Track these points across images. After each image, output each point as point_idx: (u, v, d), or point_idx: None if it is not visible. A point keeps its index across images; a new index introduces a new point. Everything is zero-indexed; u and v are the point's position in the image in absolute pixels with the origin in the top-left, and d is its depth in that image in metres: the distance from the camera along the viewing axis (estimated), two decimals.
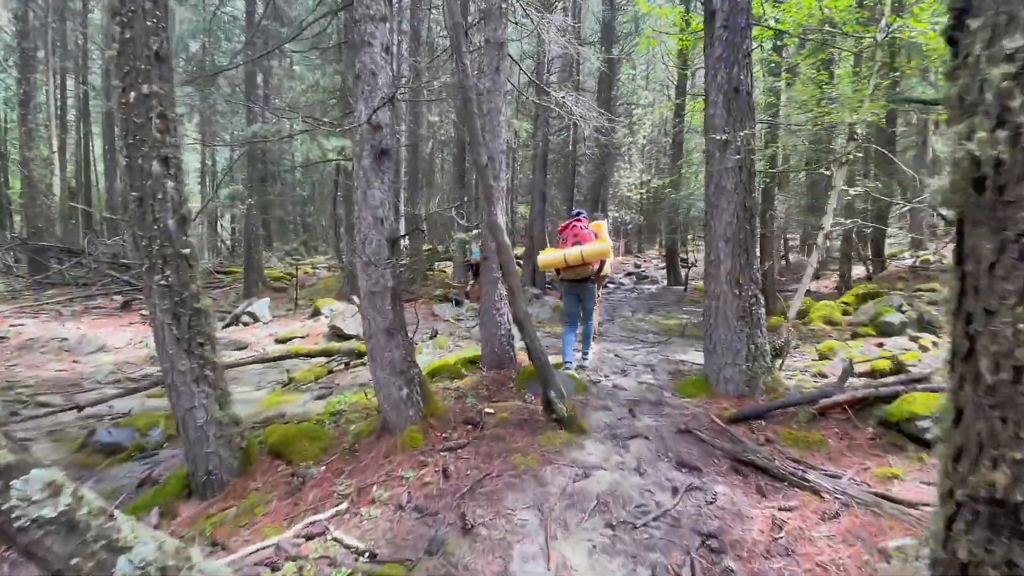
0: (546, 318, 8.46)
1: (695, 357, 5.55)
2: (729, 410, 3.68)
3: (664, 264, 19.77)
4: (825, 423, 3.43)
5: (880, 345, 5.82)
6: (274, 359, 5.92)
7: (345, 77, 9.82)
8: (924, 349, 5.28)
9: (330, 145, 10.58)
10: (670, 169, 24.82)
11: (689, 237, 17.47)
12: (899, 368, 4.30)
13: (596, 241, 4.66)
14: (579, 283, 4.75)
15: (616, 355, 5.63)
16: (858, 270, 13.18)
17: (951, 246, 1.07)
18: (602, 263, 4.77)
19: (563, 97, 6.29)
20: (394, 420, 3.37)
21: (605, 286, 14.04)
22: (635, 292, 12.77)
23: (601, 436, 3.31)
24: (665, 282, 14.29)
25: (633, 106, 17.54)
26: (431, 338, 6.98)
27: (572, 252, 4.52)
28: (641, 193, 27.11)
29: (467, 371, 4.81)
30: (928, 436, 3.01)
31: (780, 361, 4.47)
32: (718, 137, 4.07)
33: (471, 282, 12.62)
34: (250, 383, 5.64)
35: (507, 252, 3.53)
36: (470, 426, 3.43)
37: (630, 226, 26.72)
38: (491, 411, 3.62)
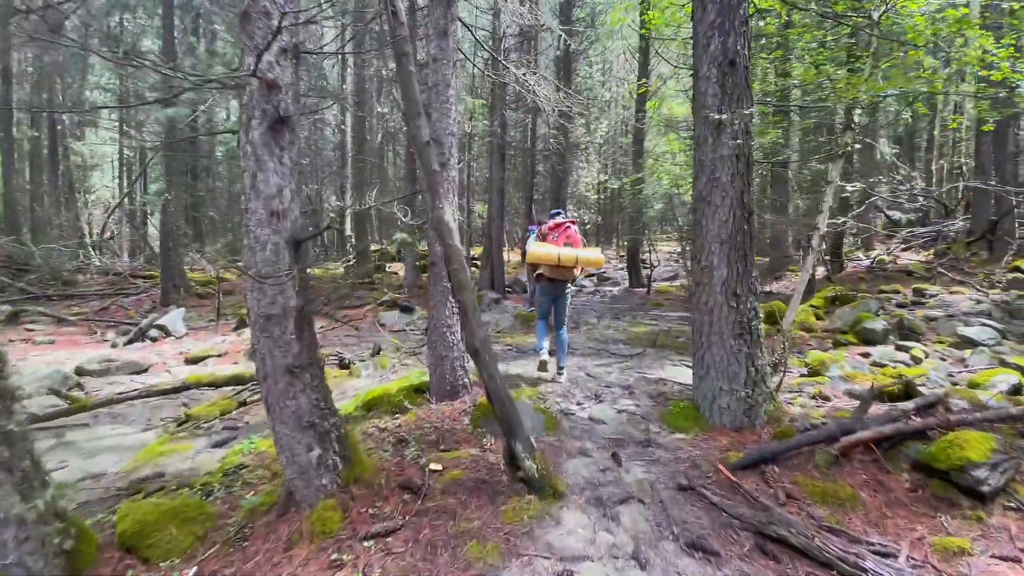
0: (507, 326, 7.68)
1: (673, 374, 4.92)
2: (732, 453, 3.00)
3: (624, 265, 19.48)
4: (850, 467, 2.80)
5: (866, 355, 5.40)
6: (164, 392, 4.78)
7: None
8: (917, 360, 4.86)
9: None
10: (630, 168, 24.74)
11: (648, 237, 17.15)
12: (910, 391, 3.78)
13: (591, 250, 4.63)
14: (559, 284, 4.66)
15: (588, 374, 4.89)
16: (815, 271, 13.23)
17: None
18: (582, 268, 4.74)
19: (523, 75, 5.50)
20: (302, 492, 2.45)
21: None
22: (597, 295, 12.21)
23: (583, 500, 2.53)
24: (627, 284, 13.83)
25: (591, 101, 16.99)
26: (372, 355, 6.01)
27: (567, 253, 4.35)
28: (599, 194, 26.87)
29: (411, 403, 3.92)
30: (986, 488, 2.42)
31: (778, 381, 3.86)
32: (712, 117, 3.39)
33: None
34: (138, 422, 4.49)
35: (457, 258, 2.69)
36: (409, 493, 2.56)
37: (588, 226, 26.41)
38: (438, 467, 2.76)
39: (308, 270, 2.66)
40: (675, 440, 3.28)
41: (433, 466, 2.76)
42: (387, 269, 15.31)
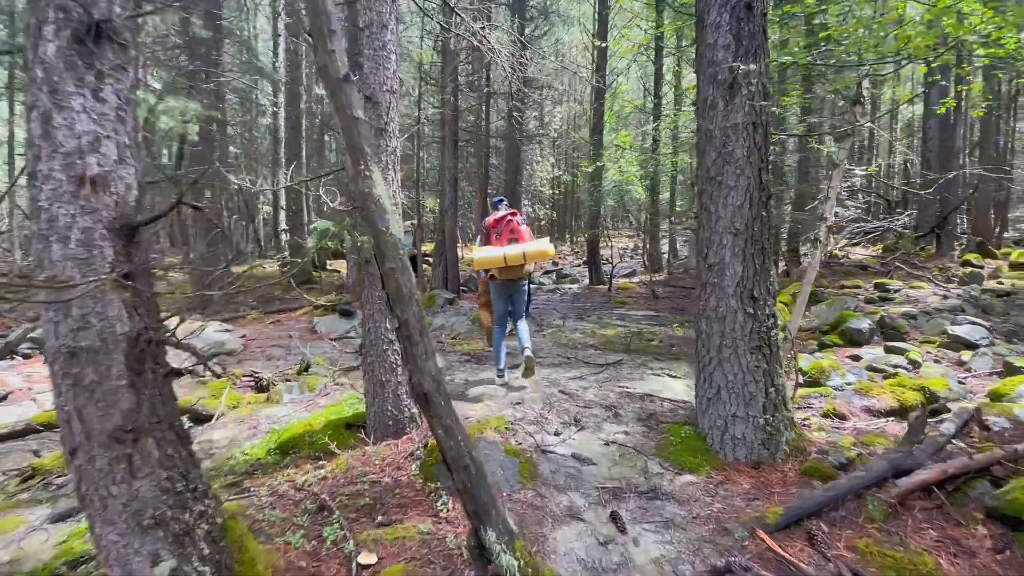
0: (462, 332, 6.81)
1: (658, 387, 4.27)
2: (765, 506, 2.33)
3: (582, 262, 19.04)
4: (911, 520, 2.19)
5: (856, 358, 4.99)
6: (4, 437, 3.60)
7: None
8: (915, 364, 4.45)
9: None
10: (591, 158, 24.31)
11: (606, 233, 16.75)
12: (934, 402, 3.28)
13: (537, 240, 4.25)
14: (513, 283, 4.32)
15: (562, 391, 4.14)
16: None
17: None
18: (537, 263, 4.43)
19: (481, 29, 4.63)
20: None
21: None
22: (557, 293, 11.57)
23: None
24: (587, 280, 13.29)
25: (547, 88, 16.31)
26: (299, 373, 4.98)
27: (513, 251, 3.99)
28: (554, 189, 26.39)
29: (341, 444, 3.02)
30: None
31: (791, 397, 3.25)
32: (722, 77, 2.69)
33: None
34: None
35: (392, 253, 1.83)
36: None
37: (543, 221, 25.89)
38: (371, 560, 1.90)
39: (151, 272, 1.70)
40: (686, 485, 2.57)
41: (364, 558, 1.90)
42: (328, 267, 14.00)
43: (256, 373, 4.73)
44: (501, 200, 4.50)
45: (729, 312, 2.78)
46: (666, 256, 16.01)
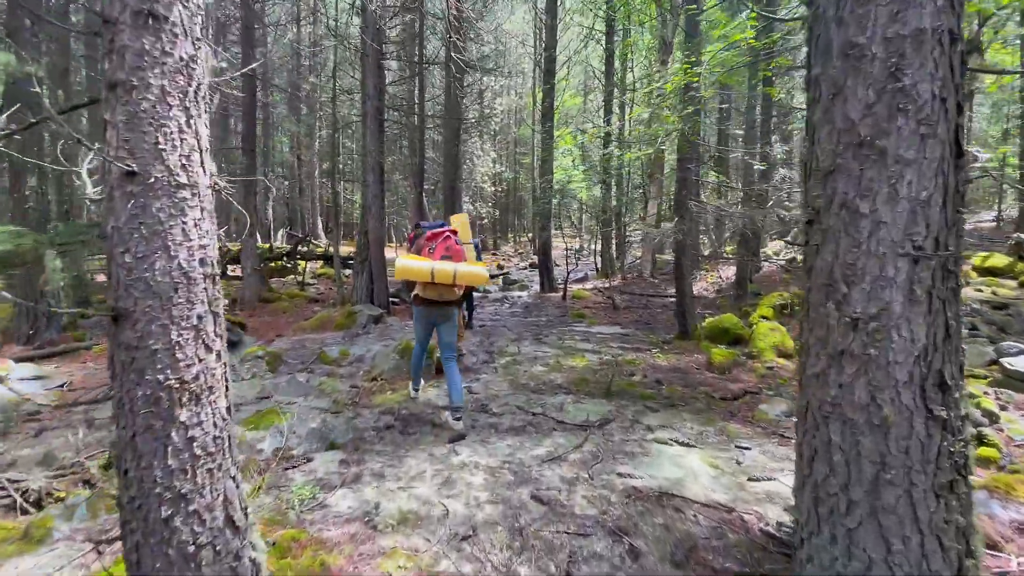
0: (386, 369, 5.10)
1: (671, 471, 2.90)
2: None
3: (528, 264, 17.68)
4: None
5: None
6: None
7: None
8: (992, 418, 3.37)
9: None
10: (527, 160, 22.98)
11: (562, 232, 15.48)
12: None
13: (474, 264, 3.69)
14: (439, 307, 3.69)
15: (535, 495, 2.62)
16: (727, 271, 12.56)
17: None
18: (468, 289, 4.32)
19: None
20: None
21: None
22: (506, 302, 10.09)
23: None
24: (537, 287, 11.92)
25: (490, 71, 14.77)
26: (106, 468, 3.08)
27: (443, 268, 3.45)
28: (495, 186, 24.92)
29: None
30: None
31: None
32: None
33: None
34: None
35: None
36: None
37: (485, 220, 24.36)
38: None
39: None
40: None
41: None
42: (229, 272, 11.61)
43: (17, 482, 2.78)
44: (442, 224, 3.93)
45: (899, 416, 1.39)
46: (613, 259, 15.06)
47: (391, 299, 8.72)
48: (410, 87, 12.46)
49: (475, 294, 11.33)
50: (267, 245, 13.93)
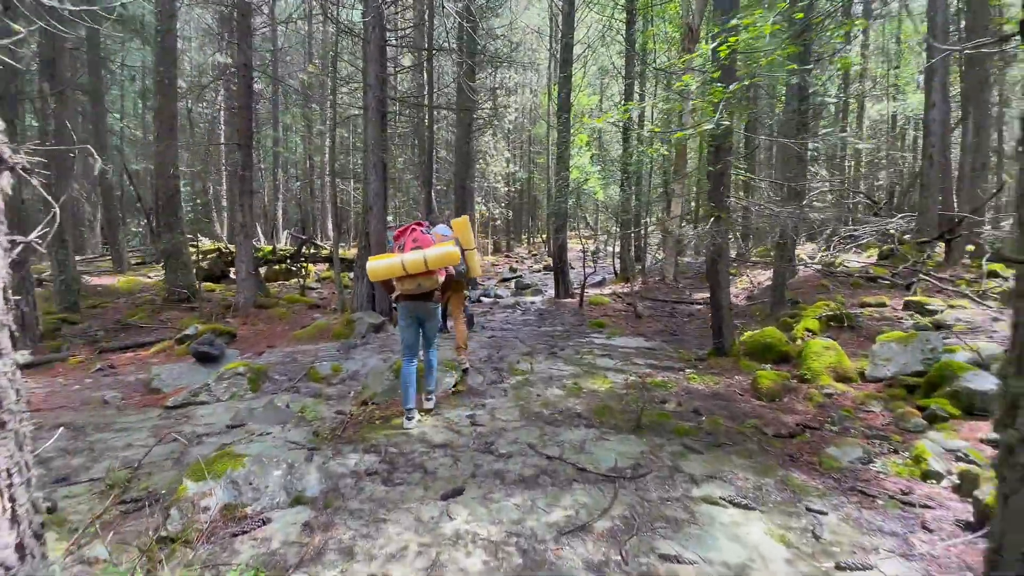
0: (380, 391, 4.45)
1: (735, 552, 2.20)
2: None
3: (543, 267, 16.98)
4: None
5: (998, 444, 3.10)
6: None
7: None
8: None
9: None
10: (541, 160, 22.34)
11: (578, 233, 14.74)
12: None
13: (442, 243, 3.62)
14: (420, 301, 3.68)
15: None
16: (758, 276, 11.69)
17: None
18: (449, 278, 3.91)
19: None
20: None
21: (478, 300, 10.46)
22: (518, 309, 9.41)
23: None
24: (551, 291, 11.22)
25: (505, 61, 14.12)
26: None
27: (412, 257, 3.43)
28: (508, 186, 24.28)
29: None
30: None
31: None
32: None
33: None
34: None
35: None
36: None
37: (498, 221, 23.72)
38: None
39: None
40: None
41: None
42: (231, 275, 11.14)
43: None
44: (423, 221, 3.98)
45: None
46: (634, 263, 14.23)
47: (393, 306, 8.11)
48: (418, 80, 11.88)
49: (485, 299, 10.73)
50: (270, 247, 13.49)
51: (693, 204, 12.86)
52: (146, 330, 7.21)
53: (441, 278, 3.64)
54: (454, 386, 4.55)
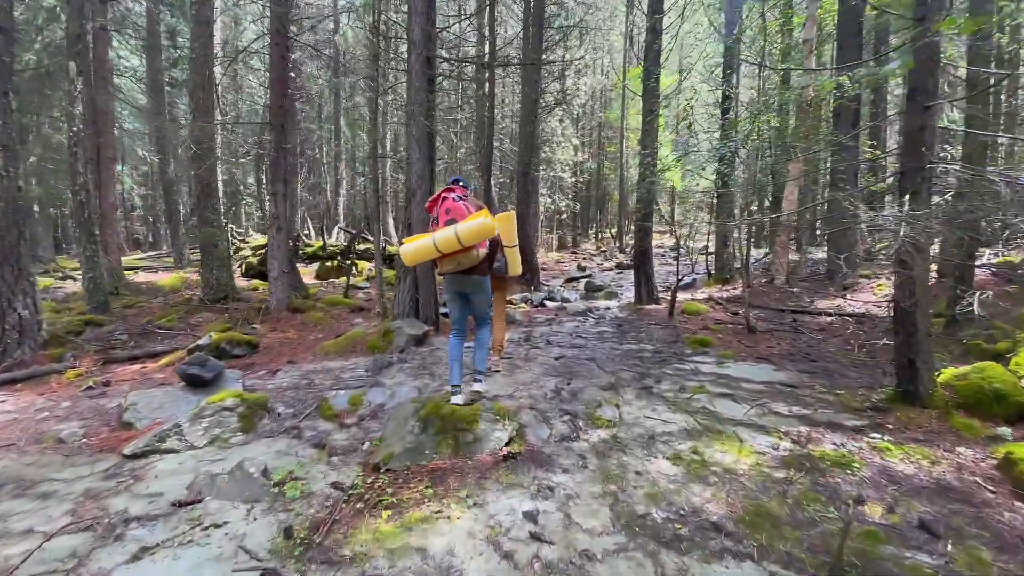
0: (401, 451, 3.08)
1: None
2: None
3: (615, 265, 15.12)
4: None
5: None
6: None
7: None
8: None
9: None
10: (613, 148, 20.31)
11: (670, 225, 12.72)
12: None
13: (474, 216, 3.14)
14: (463, 276, 3.38)
15: None
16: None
17: None
18: (494, 246, 3.45)
19: None
20: None
21: (541, 304, 8.94)
22: (591, 317, 7.76)
23: None
24: (630, 296, 9.45)
25: (576, 26, 12.38)
26: None
27: (443, 235, 3.09)
28: (576, 175, 22.45)
29: None
30: None
31: None
32: None
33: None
34: None
35: None
36: None
37: (564, 215, 22.01)
38: None
39: None
40: None
41: None
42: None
43: None
44: (457, 179, 3.55)
45: None
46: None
47: (442, 311, 6.79)
48: (479, 51, 10.50)
49: (549, 303, 9.18)
50: (320, 243, 12.79)
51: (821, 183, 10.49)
52: (170, 335, 6.40)
53: (482, 251, 3.29)
54: (506, 444, 3.08)
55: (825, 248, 12.21)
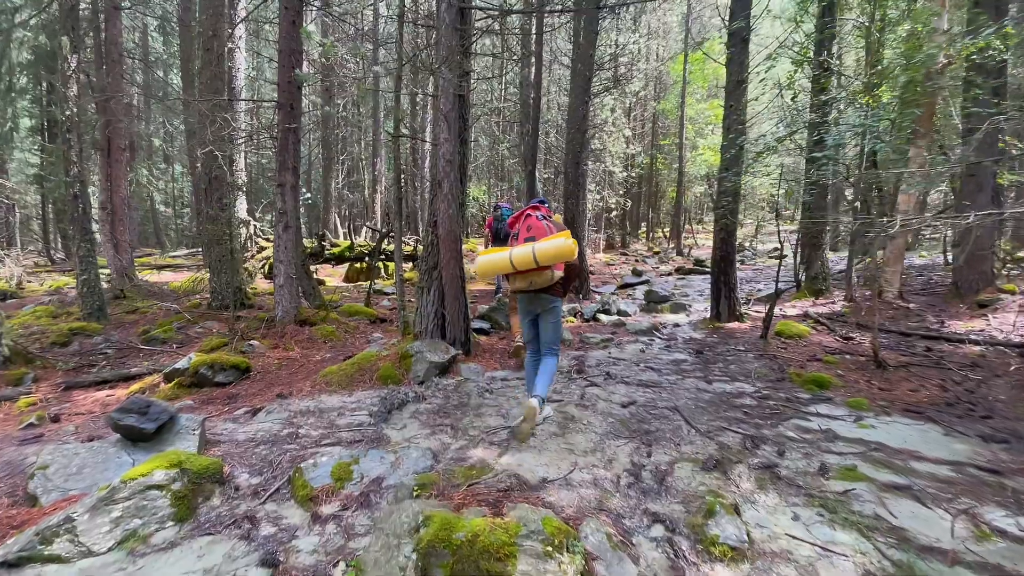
0: None
1: None
2: None
3: (674, 270, 13.45)
4: None
5: None
6: None
7: None
8: None
9: None
10: (667, 141, 18.53)
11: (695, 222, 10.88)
12: None
13: (554, 236, 3.08)
14: (534, 296, 3.32)
15: None
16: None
17: None
18: (571, 269, 3.31)
19: None
20: None
21: (593, 319, 7.56)
22: (656, 337, 6.30)
23: None
24: (703, 310, 7.89)
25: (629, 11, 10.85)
26: None
27: (521, 252, 3.07)
28: (627, 170, 20.73)
29: None
30: None
31: None
32: None
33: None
34: None
35: None
36: None
37: (613, 213, 20.39)
38: None
39: None
40: None
41: None
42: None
43: None
44: (541, 200, 3.48)
45: None
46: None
47: (474, 328, 5.56)
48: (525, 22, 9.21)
49: (603, 317, 7.77)
50: (348, 243, 11.88)
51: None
52: (159, 350, 5.49)
53: (558, 273, 3.15)
54: None
55: (939, 252, 10.12)
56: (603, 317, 7.22)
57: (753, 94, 7.39)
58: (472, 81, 8.59)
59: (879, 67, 7.20)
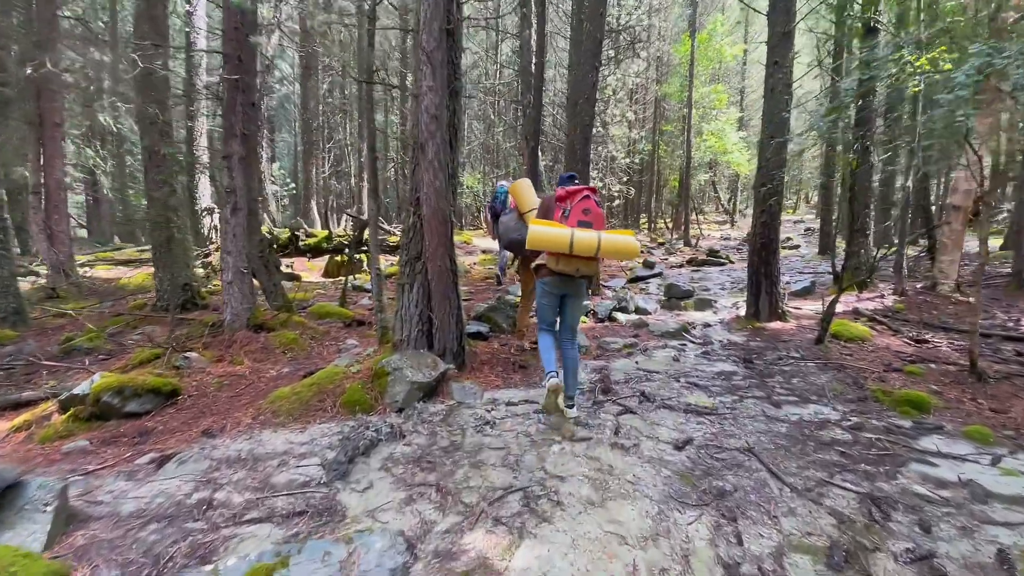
0: None
1: None
2: None
3: (685, 261, 12.43)
4: None
5: None
6: None
7: None
8: None
9: None
10: (671, 126, 17.67)
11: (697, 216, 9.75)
12: None
13: (622, 233, 2.92)
14: (571, 281, 3.05)
15: None
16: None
17: None
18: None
19: None
20: None
21: (608, 318, 6.53)
22: (689, 341, 5.24)
23: None
24: (730, 306, 6.87)
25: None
26: None
27: (585, 237, 2.82)
28: (630, 157, 19.61)
29: None
30: None
31: None
32: None
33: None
34: None
35: None
36: None
37: (616, 201, 19.31)
38: None
39: None
40: None
41: None
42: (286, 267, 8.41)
43: None
44: (572, 176, 3.24)
45: None
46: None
47: (470, 332, 4.50)
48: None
49: (621, 316, 6.67)
50: (325, 233, 10.74)
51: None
52: (88, 361, 4.40)
53: (601, 264, 2.94)
54: None
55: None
56: (620, 316, 6.17)
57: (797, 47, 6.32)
58: (464, 51, 7.49)
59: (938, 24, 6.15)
